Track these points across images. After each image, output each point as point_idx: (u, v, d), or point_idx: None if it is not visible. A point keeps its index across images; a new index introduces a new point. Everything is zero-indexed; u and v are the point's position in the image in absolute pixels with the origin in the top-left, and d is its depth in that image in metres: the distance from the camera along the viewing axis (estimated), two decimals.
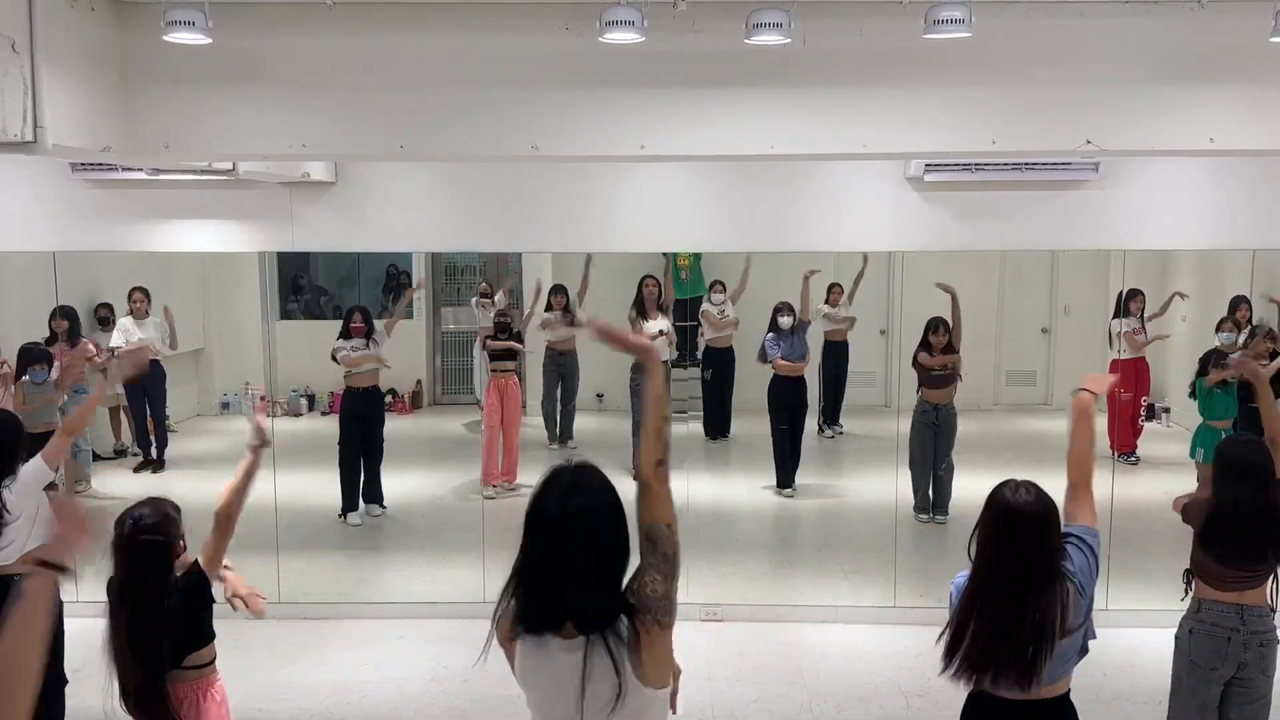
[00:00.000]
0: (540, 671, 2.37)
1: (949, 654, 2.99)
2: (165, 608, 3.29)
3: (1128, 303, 8.30)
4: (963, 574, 3.10)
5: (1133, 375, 8.45)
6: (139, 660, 3.25)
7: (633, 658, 2.30)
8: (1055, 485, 3.15)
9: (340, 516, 7.93)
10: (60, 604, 4.32)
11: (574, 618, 2.32)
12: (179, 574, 3.40)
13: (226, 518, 3.45)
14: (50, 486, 4.52)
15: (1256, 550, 3.85)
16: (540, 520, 2.35)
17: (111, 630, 3.30)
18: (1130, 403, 8.56)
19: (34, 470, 4.39)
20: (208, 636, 3.47)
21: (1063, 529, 3.00)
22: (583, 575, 2.31)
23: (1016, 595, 2.89)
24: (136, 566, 3.29)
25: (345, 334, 7.98)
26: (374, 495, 8.09)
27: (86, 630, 3.60)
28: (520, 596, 2.35)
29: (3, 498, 4.25)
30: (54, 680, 4.67)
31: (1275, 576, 3.92)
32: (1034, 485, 3.01)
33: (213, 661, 3.50)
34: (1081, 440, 3.27)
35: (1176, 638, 4.06)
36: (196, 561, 3.42)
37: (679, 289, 9.19)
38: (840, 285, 8.86)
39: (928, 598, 6.52)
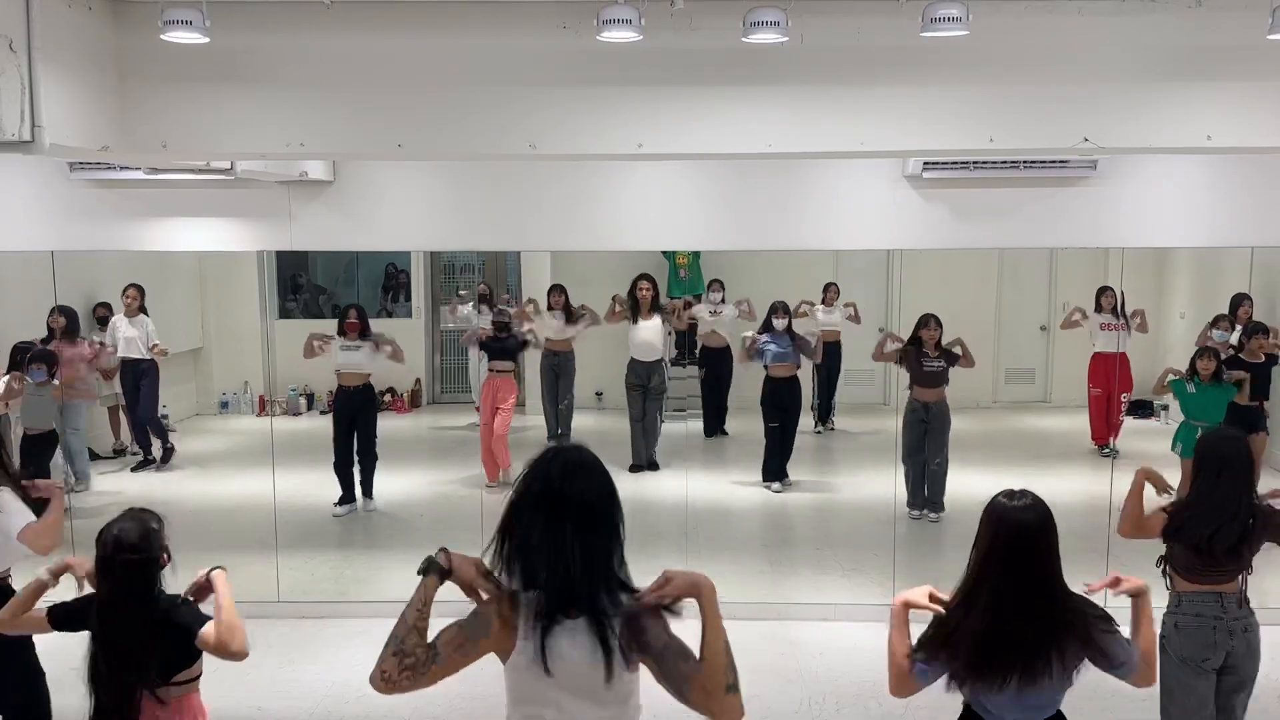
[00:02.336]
0: (556, 657, 2.39)
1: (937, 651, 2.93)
2: (150, 622, 3.22)
3: (1099, 298, 8.43)
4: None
5: (1105, 371, 8.51)
6: (118, 681, 3.18)
7: (630, 646, 2.38)
8: (1053, 484, 3.16)
9: (335, 505, 8.04)
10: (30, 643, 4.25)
11: (580, 599, 2.38)
12: (173, 595, 3.33)
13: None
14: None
15: (1235, 548, 3.82)
16: (535, 501, 2.42)
17: (93, 650, 3.24)
18: (1102, 398, 8.58)
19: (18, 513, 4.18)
20: (197, 652, 3.37)
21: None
22: (585, 556, 2.38)
23: (1023, 600, 2.87)
24: (119, 587, 3.21)
25: (341, 331, 8.04)
26: (366, 490, 8.15)
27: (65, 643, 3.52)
28: (541, 583, 2.40)
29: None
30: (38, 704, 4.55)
31: (1245, 572, 3.91)
32: (1029, 492, 3.00)
33: (199, 677, 3.43)
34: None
35: (1162, 637, 3.96)
36: (198, 610, 3.34)
37: (677, 287, 9.20)
38: (836, 285, 8.88)
39: None
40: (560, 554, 2.37)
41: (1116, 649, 2.98)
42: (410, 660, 2.38)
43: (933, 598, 3.04)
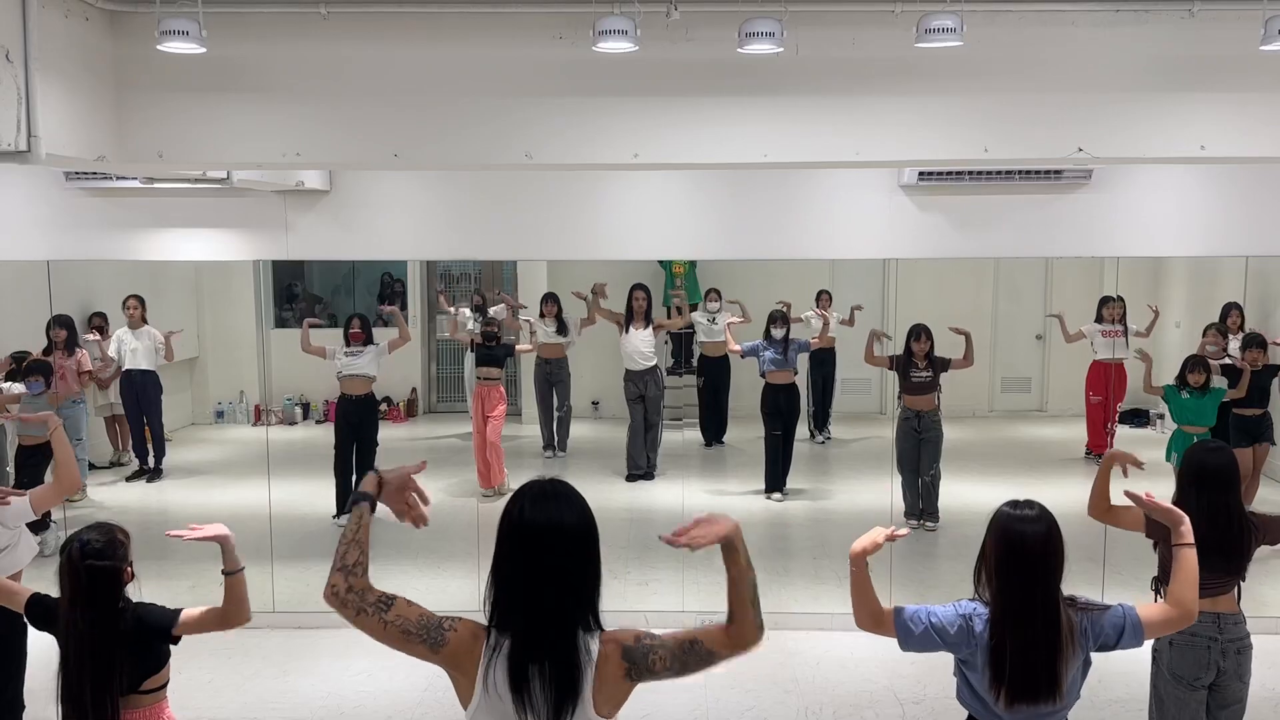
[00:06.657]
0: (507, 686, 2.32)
1: (997, 682, 2.90)
2: (117, 633, 3.23)
3: (1101, 308, 8.44)
4: (939, 609, 3.04)
5: (1104, 378, 8.53)
6: (88, 690, 3.18)
7: (596, 683, 2.31)
8: (1049, 494, 3.17)
9: (334, 518, 8.00)
10: (24, 626, 4.33)
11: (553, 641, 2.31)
12: (134, 601, 3.35)
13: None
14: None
15: (1228, 558, 3.83)
16: (514, 533, 2.35)
17: (63, 658, 3.24)
18: (1101, 405, 8.60)
19: (18, 509, 4.40)
20: (164, 659, 3.38)
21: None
22: (560, 589, 2.31)
23: (1034, 613, 2.87)
24: (83, 593, 3.22)
25: (345, 340, 8.10)
26: None
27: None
28: (517, 620, 2.32)
29: None
30: (11, 705, 4.63)
31: (1239, 583, 3.92)
32: (1035, 502, 3.00)
33: (165, 686, 3.42)
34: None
35: (1155, 650, 4.02)
36: (175, 613, 3.36)
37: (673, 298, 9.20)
38: (829, 292, 8.90)
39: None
40: (536, 594, 2.31)
41: (1106, 625, 2.91)
42: (354, 582, 2.48)
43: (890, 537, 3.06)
